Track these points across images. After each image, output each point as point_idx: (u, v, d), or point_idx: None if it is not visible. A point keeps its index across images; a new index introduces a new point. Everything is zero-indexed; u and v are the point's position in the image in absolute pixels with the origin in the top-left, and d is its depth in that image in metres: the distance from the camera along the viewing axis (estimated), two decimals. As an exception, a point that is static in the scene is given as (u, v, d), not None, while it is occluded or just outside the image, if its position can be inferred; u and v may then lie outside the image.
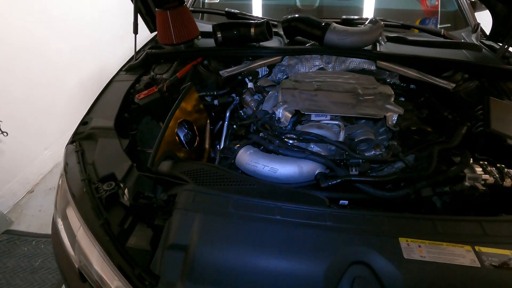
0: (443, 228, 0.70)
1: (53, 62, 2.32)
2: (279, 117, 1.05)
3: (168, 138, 1.03)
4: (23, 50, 2.05)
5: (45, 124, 2.27)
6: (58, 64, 2.37)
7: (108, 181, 0.92)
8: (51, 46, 2.28)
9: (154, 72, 1.43)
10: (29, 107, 2.12)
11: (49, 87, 2.28)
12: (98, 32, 2.74)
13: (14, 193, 2.03)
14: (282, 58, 1.44)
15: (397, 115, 1.06)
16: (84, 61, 2.64)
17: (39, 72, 2.20)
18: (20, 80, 2.04)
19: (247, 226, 0.77)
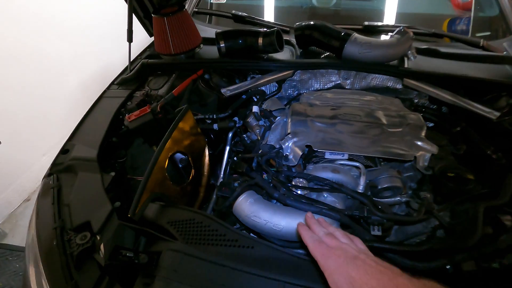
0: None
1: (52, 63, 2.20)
2: (286, 154, 0.89)
3: (156, 175, 0.88)
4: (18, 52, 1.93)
5: (43, 129, 2.17)
6: (57, 65, 2.26)
7: (83, 232, 0.78)
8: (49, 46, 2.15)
9: (149, 86, 1.27)
10: (25, 112, 2.02)
11: (47, 90, 2.18)
12: (99, 30, 2.60)
13: (9, 202, 1.95)
14: (293, 73, 1.26)
15: (429, 154, 0.88)
16: (85, 61, 2.52)
17: (36, 74, 2.09)
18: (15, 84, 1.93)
19: (242, 308, 0.62)
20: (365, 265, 0.46)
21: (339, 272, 0.47)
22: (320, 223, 0.59)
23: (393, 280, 0.43)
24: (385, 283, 0.43)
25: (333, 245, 0.52)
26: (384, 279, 0.43)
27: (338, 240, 0.54)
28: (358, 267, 0.46)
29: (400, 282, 0.42)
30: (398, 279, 0.43)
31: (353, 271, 0.46)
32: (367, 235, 0.75)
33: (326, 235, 0.54)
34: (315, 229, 0.57)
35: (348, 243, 0.53)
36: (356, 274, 0.45)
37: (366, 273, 0.45)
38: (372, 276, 0.44)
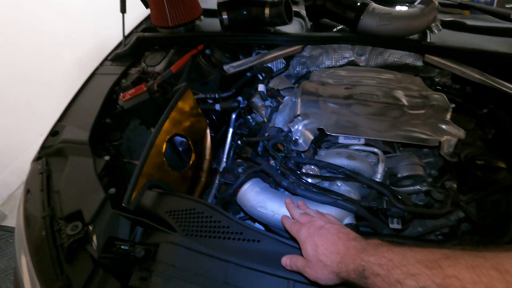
0: None
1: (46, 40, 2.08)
2: (296, 138, 0.80)
3: (153, 160, 0.80)
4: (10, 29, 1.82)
5: (39, 108, 2.08)
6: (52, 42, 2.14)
7: (73, 222, 0.72)
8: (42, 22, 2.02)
9: (146, 62, 1.17)
10: (20, 92, 1.93)
11: (42, 67, 2.07)
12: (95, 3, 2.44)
13: (7, 184, 1.91)
14: (303, 48, 1.15)
15: (456, 139, 0.79)
16: (81, 37, 2.39)
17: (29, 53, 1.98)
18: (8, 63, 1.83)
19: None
20: (328, 233, 0.55)
21: (307, 241, 0.56)
22: (299, 206, 0.67)
23: (346, 243, 0.51)
24: (340, 247, 0.51)
25: (305, 221, 0.60)
26: (340, 244, 0.52)
27: (310, 216, 0.62)
28: (321, 235, 0.55)
29: (352, 245, 0.50)
30: (350, 243, 0.51)
31: (317, 239, 0.54)
32: (385, 228, 0.67)
33: (300, 216, 0.63)
34: (293, 212, 0.65)
35: (318, 216, 0.61)
36: (319, 241, 0.54)
37: (327, 240, 0.53)
38: (332, 242, 0.53)
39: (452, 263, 0.38)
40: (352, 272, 0.47)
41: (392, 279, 0.41)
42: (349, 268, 0.48)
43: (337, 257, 0.50)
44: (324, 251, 0.52)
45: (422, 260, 0.40)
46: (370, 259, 0.45)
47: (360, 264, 0.46)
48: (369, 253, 0.46)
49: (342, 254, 0.50)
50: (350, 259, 0.48)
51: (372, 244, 0.49)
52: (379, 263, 0.44)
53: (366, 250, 0.48)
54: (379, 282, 0.43)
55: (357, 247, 0.49)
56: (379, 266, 0.43)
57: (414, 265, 0.40)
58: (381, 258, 0.44)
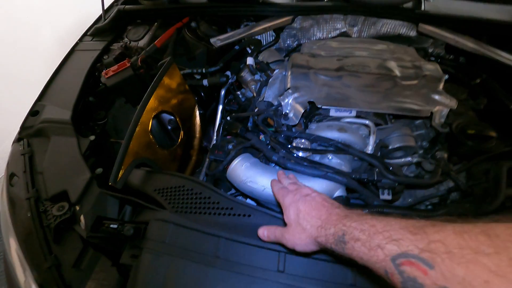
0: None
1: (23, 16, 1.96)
2: (286, 112, 0.78)
3: (139, 139, 0.78)
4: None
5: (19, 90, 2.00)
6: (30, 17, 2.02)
7: (60, 202, 0.70)
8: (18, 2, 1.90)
9: (128, 37, 1.11)
10: None
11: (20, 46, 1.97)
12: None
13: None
14: (293, 19, 1.10)
15: (448, 109, 0.78)
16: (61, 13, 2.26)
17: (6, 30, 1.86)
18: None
19: (239, 282, 0.57)
20: (313, 200, 0.54)
21: (291, 206, 0.55)
22: (289, 178, 0.67)
23: (329, 210, 0.51)
24: (322, 212, 0.51)
25: (292, 189, 0.60)
26: (323, 210, 0.51)
27: (299, 185, 0.62)
28: (306, 202, 0.54)
29: (335, 212, 0.50)
30: (334, 210, 0.50)
31: (301, 205, 0.54)
32: (376, 200, 0.67)
33: (289, 184, 0.63)
34: (283, 181, 0.65)
35: (306, 187, 0.60)
36: (303, 207, 0.54)
37: (311, 206, 0.53)
38: (314, 208, 0.52)
39: (438, 229, 0.36)
40: (331, 237, 0.46)
41: (372, 244, 0.40)
42: (328, 233, 0.47)
43: (318, 222, 0.50)
44: (305, 216, 0.52)
45: (406, 226, 0.39)
46: (352, 224, 0.44)
47: (341, 228, 0.45)
48: (351, 218, 0.45)
49: (323, 219, 0.49)
50: (331, 224, 0.47)
51: (355, 213, 0.48)
52: (361, 228, 0.42)
53: (349, 216, 0.47)
54: (358, 247, 0.42)
55: (339, 214, 0.48)
56: (360, 231, 0.42)
57: (397, 230, 0.39)
58: (363, 224, 0.43)
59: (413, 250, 0.36)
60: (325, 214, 0.50)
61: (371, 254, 0.39)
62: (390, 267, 0.37)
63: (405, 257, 0.36)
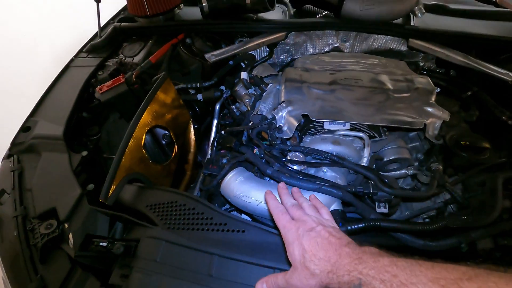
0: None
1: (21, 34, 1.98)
2: (280, 125, 0.78)
3: (132, 154, 0.77)
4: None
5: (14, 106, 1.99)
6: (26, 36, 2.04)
7: (48, 220, 0.68)
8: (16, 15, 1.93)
9: (124, 53, 1.12)
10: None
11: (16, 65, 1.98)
12: None
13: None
14: (286, 35, 1.12)
15: (441, 121, 0.78)
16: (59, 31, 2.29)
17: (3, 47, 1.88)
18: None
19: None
20: (318, 236, 0.48)
21: (295, 244, 0.49)
22: (293, 193, 0.60)
23: (338, 249, 0.45)
24: (331, 253, 0.45)
25: (295, 217, 0.53)
26: (330, 250, 0.45)
27: (303, 211, 0.55)
28: (311, 239, 0.48)
29: (344, 252, 0.44)
30: (343, 249, 0.45)
31: (306, 243, 0.48)
32: (372, 213, 0.66)
33: (292, 206, 0.56)
34: (284, 200, 0.58)
35: (311, 214, 0.54)
36: (308, 245, 0.47)
37: (316, 244, 0.47)
38: (321, 247, 0.46)
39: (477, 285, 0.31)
40: (345, 286, 0.41)
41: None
42: (341, 280, 0.42)
43: (327, 266, 0.44)
44: (312, 257, 0.46)
45: (436, 278, 0.34)
46: (369, 273, 0.39)
47: (357, 277, 0.40)
48: (368, 264, 0.40)
49: (333, 263, 0.44)
50: (344, 270, 0.42)
51: (369, 253, 0.42)
52: (381, 278, 0.37)
53: (363, 260, 0.41)
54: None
55: (351, 255, 0.43)
56: (381, 283, 0.37)
57: (425, 284, 0.34)
58: (383, 273, 0.38)
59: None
60: (334, 256, 0.45)
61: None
62: None
63: None
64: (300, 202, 0.57)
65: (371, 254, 0.42)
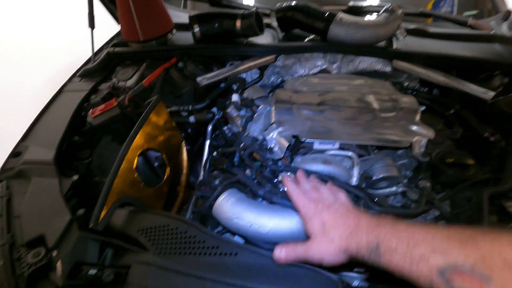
0: None
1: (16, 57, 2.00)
2: (271, 146, 0.79)
3: (124, 177, 0.77)
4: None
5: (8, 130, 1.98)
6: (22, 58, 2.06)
7: (36, 248, 0.67)
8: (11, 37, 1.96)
9: (117, 77, 1.14)
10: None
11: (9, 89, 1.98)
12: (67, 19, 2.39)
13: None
14: (276, 58, 1.16)
15: (426, 140, 0.81)
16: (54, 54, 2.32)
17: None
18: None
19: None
20: (337, 212, 0.52)
21: (314, 217, 0.53)
22: (310, 180, 0.64)
23: (357, 217, 0.48)
24: (350, 221, 0.48)
25: (314, 198, 0.57)
26: (350, 218, 0.49)
27: (321, 193, 0.59)
28: (330, 213, 0.52)
29: (364, 219, 0.47)
30: (363, 217, 0.48)
31: (325, 216, 0.52)
32: (364, 232, 0.67)
33: (310, 189, 0.60)
34: (302, 183, 0.62)
35: (329, 196, 0.58)
36: (327, 217, 0.52)
37: (336, 215, 0.51)
38: (341, 216, 0.50)
39: (491, 239, 0.32)
40: (363, 248, 0.42)
41: (414, 255, 0.35)
42: (360, 243, 0.43)
43: (347, 230, 0.46)
44: (332, 226, 0.49)
45: (452, 235, 0.35)
46: (386, 235, 0.40)
47: (375, 237, 0.41)
48: (385, 228, 0.42)
49: (353, 227, 0.46)
50: (362, 233, 0.44)
51: (386, 220, 0.44)
52: (398, 237, 0.39)
53: (381, 225, 0.43)
54: (396, 259, 0.38)
55: (369, 222, 0.45)
56: (398, 241, 0.38)
57: (442, 239, 0.35)
58: (400, 232, 0.39)
59: (465, 261, 0.32)
60: (353, 222, 0.47)
61: (412, 267, 0.36)
62: (438, 281, 0.33)
63: (455, 269, 0.32)
64: (317, 187, 0.61)
65: (387, 220, 0.44)
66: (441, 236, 0.36)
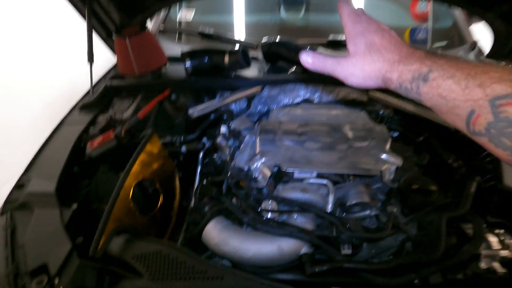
0: None
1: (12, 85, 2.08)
2: (255, 176, 0.88)
3: (120, 207, 0.84)
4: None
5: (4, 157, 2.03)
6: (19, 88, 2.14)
7: (39, 275, 0.73)
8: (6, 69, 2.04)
9: (114, 109, 1.23)
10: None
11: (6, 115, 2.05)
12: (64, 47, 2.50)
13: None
14: (262, 89, 1.27)
15: (395, 166, 0.90)
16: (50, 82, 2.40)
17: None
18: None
19: None
20: (392, 37, 0.47)
21: (363, 35, 0.47)
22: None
23: (412, 48, 0.45)
24: (403, 49, 0.44)
25: (368, 20, 0.50)
26: (404, 47, 0.45)
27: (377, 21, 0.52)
28: (384, 36, 0.47)
29: (419, 51, 0.43)
30: (418, 49, 0.44)
31: (377, 38, 0.46)
32: (338, 254, 0.74)
33: (361, 12, 0.53)
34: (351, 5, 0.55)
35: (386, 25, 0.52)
36: (379, 40, 0.46)
37: (390, 41, 0.46)
38: (394, 43, 0.45)
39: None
40: (408, 73, 0.40)
41: (472, 83, 0.34)
42: (407, 68, 0.41)
43: (396, 57, 0.43)
44: (381, 49, 0.45)
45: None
46: (446, 63, 0.38)
47: (428, 66, 0.39)
48: (445, 59, 0.39)
49: (404, 55, 0.43)
50: (415, 59, 0.41)
51: (447, 55, 0.43)
52: (459, 66, 0.37)
53: (440, 56, 0.41)
54: (447, 84, 0.36)
55: (426, 53, 0.42)
56: (457, 70, 0.36)
57: (503, 69, 0.33)
58: (462, 63, 0.37)
59: None
60: (406, 51, 0.44)
61: (464, 92, 0.35)
62: (483, 106, 0.33)
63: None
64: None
65: (448, 55, 0.43)
66: (501, 68, 0.34)
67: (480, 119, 0.34)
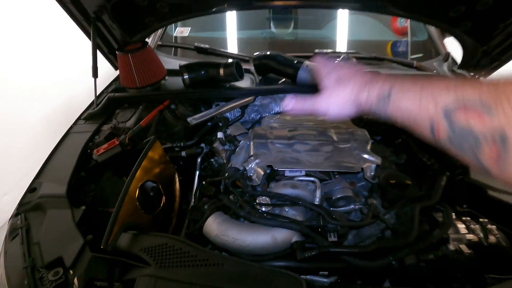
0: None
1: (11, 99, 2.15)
2: (250, 175, 0.97)
3: (127, 206, 0.92)
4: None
5: (3, 167, 2.08)
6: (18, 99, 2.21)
7: (55, 268, 0.80)
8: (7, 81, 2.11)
9: (117, 119, 1.32)
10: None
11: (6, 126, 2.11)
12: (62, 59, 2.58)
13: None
14: (255, 98, 1.38)
15: (375, 165, 1.00)
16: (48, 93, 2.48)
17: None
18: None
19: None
20: (356, 67, 0.55)
21: (332, 72, 0.55)
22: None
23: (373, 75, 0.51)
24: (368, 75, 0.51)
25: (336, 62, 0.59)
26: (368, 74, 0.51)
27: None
28: (349, 68, 0.54)
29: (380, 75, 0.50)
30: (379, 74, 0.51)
31: (344, 71, 0.54)
32: (325, 242, 0.83)
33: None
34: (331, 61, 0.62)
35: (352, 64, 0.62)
36: (345, 72, 0.54)
37: (354, 72, 0.53)
38: (358, 73, 0.52)
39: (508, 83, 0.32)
40: (374, 93, 0.45)
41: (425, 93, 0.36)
42: (372, 93, 0.45)
43: (362, 83, 0.48)
44: (348, 77, 0.51)
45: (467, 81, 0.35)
46: (403, 79, 0.42)
47: (388, 85, 0.43)
48: (401, 77, 0.44)
49: (369, 80, 0.48)
50: (377, 83, 0.46)
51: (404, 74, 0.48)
52: (413, 80, 0.40)
53: (398, 75, 0.45)
54: (405, 103, 0.39)
55: (387, 75, 0.47)
56: (412, 83, 0.40)
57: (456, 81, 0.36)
58: (416, 78, 0.41)
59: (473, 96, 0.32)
60: (370, 76, 0.49)
61: (420, 104, 0.38)
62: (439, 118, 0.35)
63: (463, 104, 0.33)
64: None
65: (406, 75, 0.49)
66: (455, 81, 0.36)
67: (440, 131, 0.37)
